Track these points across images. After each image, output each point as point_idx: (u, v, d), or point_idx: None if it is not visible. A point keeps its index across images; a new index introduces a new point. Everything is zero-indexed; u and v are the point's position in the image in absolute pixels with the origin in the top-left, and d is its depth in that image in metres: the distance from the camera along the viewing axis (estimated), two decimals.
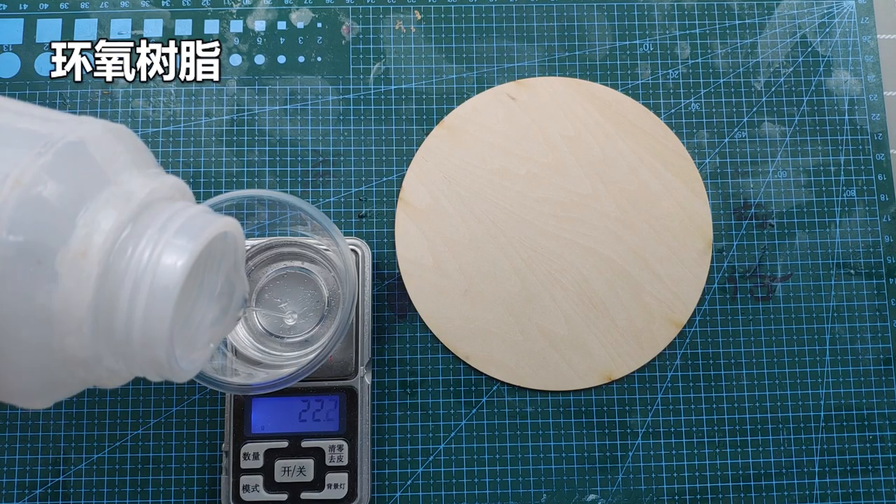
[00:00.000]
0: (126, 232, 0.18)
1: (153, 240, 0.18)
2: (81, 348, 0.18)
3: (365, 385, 0.30)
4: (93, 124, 0.19)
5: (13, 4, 0.34)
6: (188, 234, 0.18)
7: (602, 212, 0.33)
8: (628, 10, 0.35)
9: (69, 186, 0.17)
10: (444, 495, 0.31)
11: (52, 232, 0.17)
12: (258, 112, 0.34)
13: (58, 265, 0.17)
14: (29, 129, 0.18)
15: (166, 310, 0.18)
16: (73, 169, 0.18)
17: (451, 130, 0.33)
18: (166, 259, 0.18)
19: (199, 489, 0.30)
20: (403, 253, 0.32)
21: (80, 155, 0.18)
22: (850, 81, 0.35)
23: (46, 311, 0.17)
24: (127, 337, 0.18)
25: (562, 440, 0.31)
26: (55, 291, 0.17)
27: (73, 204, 0.17)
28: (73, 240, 0.17)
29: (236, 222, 0.22)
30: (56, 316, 0.17)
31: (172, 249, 0.18)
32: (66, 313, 0.17)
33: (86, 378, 0.19)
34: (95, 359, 0.18)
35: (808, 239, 0.33)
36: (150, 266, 0.18)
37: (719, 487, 0.31)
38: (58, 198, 0.17)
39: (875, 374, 0.32)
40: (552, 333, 0.32)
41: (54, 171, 0.17)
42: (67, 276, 0.17)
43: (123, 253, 0.18)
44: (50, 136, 0.18)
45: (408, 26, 0.35)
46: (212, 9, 0.35)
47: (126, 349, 0.18)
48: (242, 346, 0.29)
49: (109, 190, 0.18)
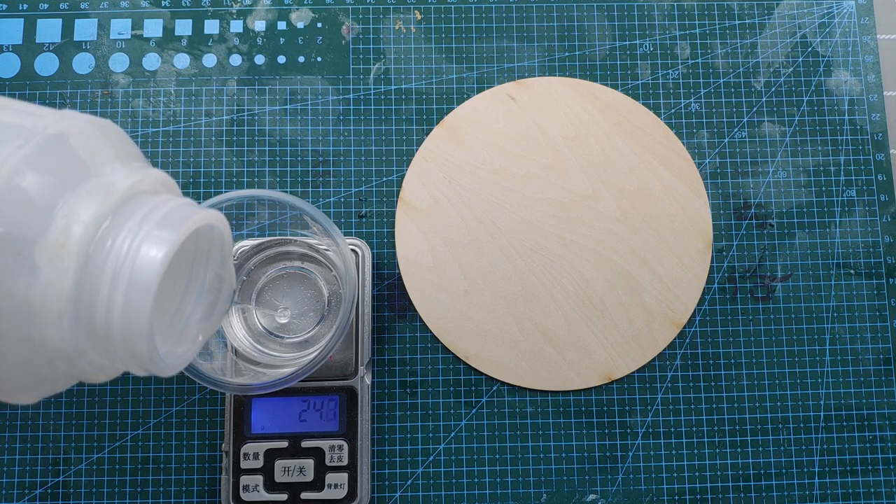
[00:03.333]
0: (106, 223, 0.18)
1: (133, 231, 0.18)
2: (62, 342, 0.18)
3: (365, 385, 0.30)
4: (76, 118, 0.19)
5: (13, 4, 0.34)
6: (169, 226, 0.18)
7: (602, 212, 0.33)
8: (628, 10, 0.35)
9: (49, 178, 0.17)
10: (444, 495, 0.31)
11: (32, 223, 0.17)
12: (258, 112, 0.34)
13: (37, 257, 0.17)
14: (11, 122, 0.18)
15: (145, 302, 0.17)
16: (54, 161, 0.18)
17: (451, 130, 0.33)
18: (146, 251, 0.18)
19: (199, 489, 0.30)
20: (403, 253, 0.32)
21: (62, 147, 0.18)
22: (850, 81, 0.35)
23: (26, 303, 0.17)
24: (107, 330, 0.18)
25: (562, 440, 0.31)
26: (35, 284, 0.17)
27: (53, 195, 0.17)
28: (53, 231, 0.17)
29: (221, 215, 0.21)
30: (36, 309, 0.17)
31: (152, 241, 0.18)
32: (46, 306, 0.17)
33: (70, 372, 0.19)
34: (77, 353, 0.18)
35: (808, 239, 0.33)
36: (130, 258, 0.17)
37: (719, 487, 0.31)
38: (37, 189, 0.17)
39: (875, 374, 0.32)
40: (552, 333, 0.32)
41: (34, 162, 0.17)
42: (47, 268, 0.17)
43: (103, 245, 0.18)
44: (32, 128, 0.18)
45: (408, 26, 0.35)
46: (212, 9, 0.35)
47: (107, 342, 0.18)
48: (242, 347, 0.29)
49: (91, 182, 0.18)
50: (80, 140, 0.19)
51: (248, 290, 0.30)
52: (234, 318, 0.30)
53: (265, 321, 0.30)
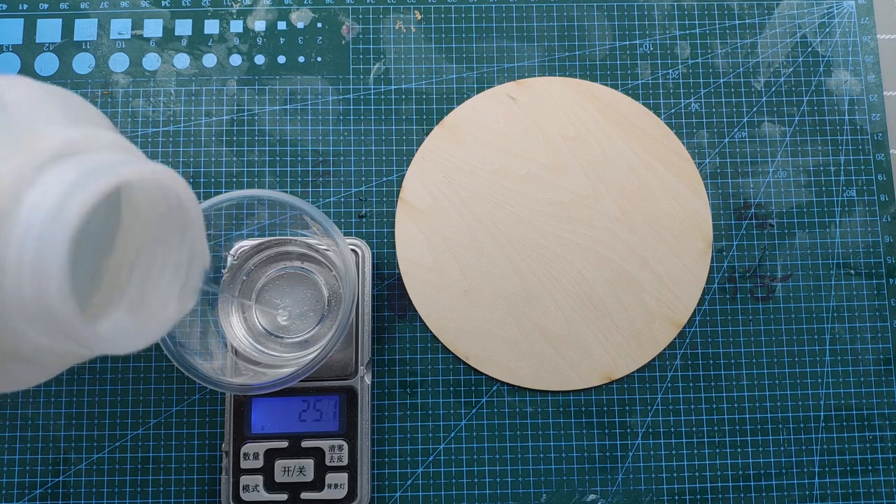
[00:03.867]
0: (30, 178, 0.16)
1: (55, 185, 0.16)
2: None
3: (365, 385, 0.30)
4: (22, 80, 0.18)
5: (13, 4, 0.34)
6: (96, 177, 0.17)
7: (602, 212, 0.33)
8: (628, 10, 0.35)
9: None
10: (444, 495, 0.31)
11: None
12: (258, 112, 0.34)
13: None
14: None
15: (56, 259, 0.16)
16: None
17: (451, 130, 0.33)
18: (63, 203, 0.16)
19: (199, 489, 0.30)
20: (403, 253, 0.32)
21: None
22: (850, 81, 0.35)
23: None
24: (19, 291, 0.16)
25: (562, 440, 0.31)
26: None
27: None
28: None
29: (173, 174, 0.19)
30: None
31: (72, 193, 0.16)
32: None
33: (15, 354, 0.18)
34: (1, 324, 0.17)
35: (808, 239, 0.33)
36: (46, 212, 0.16)
37: (719, 487, 0.31)
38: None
39: (875, 374, 0.32)
40: (552, 333, 0.32)
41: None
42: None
43: (20, 199, 0.16)
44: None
45: (408, 26, 0.35)
46: (212, 9, 0.35)
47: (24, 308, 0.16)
48: (242, 347, 0.29)
49: (22, 137, 0.17)
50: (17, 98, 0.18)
51: (248, 290, 0.30)
52: (234, 318, 0.30)
53: (265, 321, 0.30)
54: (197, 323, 0.29)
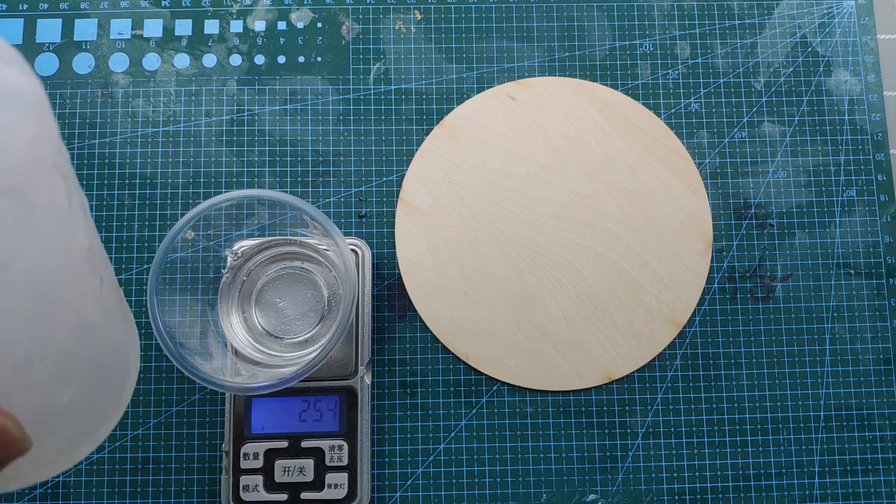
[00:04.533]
0: None
1: None
2: None
3: (365, 385, 0.30)
4: None
5: (13, 4, 0.34)
6: None
7: (602, 212, 0.33)
8: (628, 10, 0.35)
9: None
10: (444, 495, 0.31)
11: None
12: (258, 112, 0.34)
13: None
14: None
15: None
16: None
17: (451, 130, 0.33)
18: None
19: (199, 489, 0.30)
20: (403, 253, 0.32)
21: None
22: (850, 81, 0.35)
23: None
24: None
25: (562, 440, 0.31)
26: None
27: None
28: None
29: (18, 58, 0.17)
30: None
31: None
32: None
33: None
34: None
35: (808, 239, 0.33)
36: None
37: (719, 487, 0.31)
38: None
39: (875, 374, 0.32)
40: (552, 333, 0.32)
41: None
42: None
43: None
44: None
45: (408, 26, 0.35)
46: (212, 9, 0.35)
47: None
48: (242, 347, 0.29)
49: None
50: None
51: (248, 290, 0.30)
52: (234, 317, 0.30)
53: (265, 321, 0.30)
54: (197, 323, 0.29)
